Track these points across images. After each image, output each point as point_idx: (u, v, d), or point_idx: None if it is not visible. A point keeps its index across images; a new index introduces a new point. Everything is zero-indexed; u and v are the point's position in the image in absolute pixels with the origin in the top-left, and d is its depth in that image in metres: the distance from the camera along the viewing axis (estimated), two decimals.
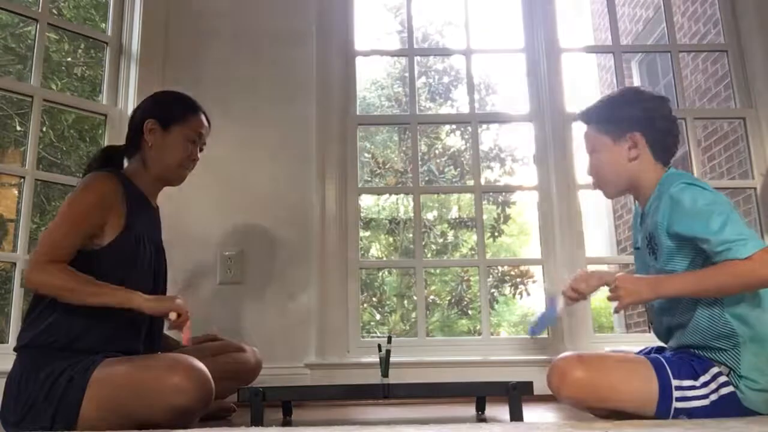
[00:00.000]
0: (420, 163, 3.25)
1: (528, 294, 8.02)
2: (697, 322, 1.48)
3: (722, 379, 1.42)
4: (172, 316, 1.59)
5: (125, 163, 1.86)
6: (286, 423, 1.74)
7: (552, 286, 2.61)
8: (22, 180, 2.46)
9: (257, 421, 1.54)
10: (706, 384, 1.42)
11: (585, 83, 7.43)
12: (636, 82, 5.86)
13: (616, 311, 1.54)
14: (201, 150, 1.87)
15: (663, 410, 1.40)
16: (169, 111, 1.81)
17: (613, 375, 1.45)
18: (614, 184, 1.68)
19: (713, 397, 1.41)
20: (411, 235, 8.06)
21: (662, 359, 1.47)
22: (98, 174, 1.70)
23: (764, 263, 1.36)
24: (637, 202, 1.73)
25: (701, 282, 1.43)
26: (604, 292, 1.67)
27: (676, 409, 1.40)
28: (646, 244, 1.62)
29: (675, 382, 1.41)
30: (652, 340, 1.80)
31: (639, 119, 1.61)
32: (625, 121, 1.62)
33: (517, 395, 1.59)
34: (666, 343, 1.64)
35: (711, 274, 1.42)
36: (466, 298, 8.22)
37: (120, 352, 1.61)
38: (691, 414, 1.40)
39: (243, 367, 1.98)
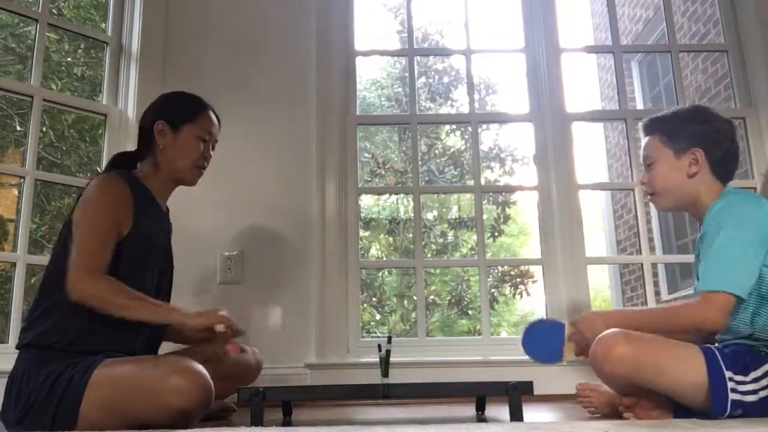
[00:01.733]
0: (420, 163, 3.25)
1: (528, 294, 8.02)
2: (755, 328, 1.48)
3: None
4: (220, 328, 1.58)
5: (138, 167, 1.86)
6: (286, 423, 1.74)
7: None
8: (22, 180, 2.46)
9: (257, 421, 1.54)
10: (756, 380, 1.40)
11: (585, 83, 7.43)
12: (636, 82, 5.86)
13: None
14: (213, 148, 1.87)
15: (719, 402, 1.37)
16: (178, 111, 1.81)
17: (659, 355, 1.43)
18: (669, 198, 1.70)
19: (762, 393, 1.38)
20: (411, 235, 8.06)
21: (714, 349, 1.45)
22: (105, 176, 1.71)
23: (718, 312, 1.44)
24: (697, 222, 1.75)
25: (649, 323, 1.53)
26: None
27: (732, 401, 1.37)
28: (697, 254, 1.65)
29: (727, 374, 1.39)
30: None
31: (705, 138, 1.64)
32: (692, 138, 1.64)
33: (517, 395, 1.59)
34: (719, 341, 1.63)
35: (663, 315, 1.55)
36: (466, 298, 8.23)
37: (120, 353, 1.61)
38: (745, 407, 1.37)
39: (243, 368, 1.97)
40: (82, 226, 1.61)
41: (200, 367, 1.50)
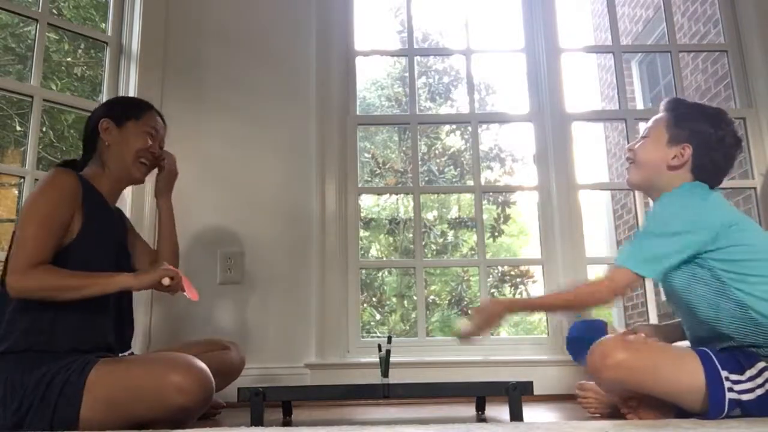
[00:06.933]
0: (420, 163, 3.25)
1: (528, 294, 8.01)
2: (729, 329, 1.48)
3: None
4: (165, 281, 1.57)
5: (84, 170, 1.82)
6: (286, 423, 1.74)
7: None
8: (22, 180, 2.46)
9: (257, 421, 1.54)
10: (752, 378, 1.40)
11: (585, 83, 7.43)
12: (636, 82, 5.86)
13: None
14: (161, 148, 1.88)
15: (716, 402, 1.37)
16: (122, 109, 1.83)
17: (656, 361, 1.43)
18: (643, 173, 1.70)
19: (759, 391, 1.38)
20: (411, 235, 8.06)
21: (709, 352, 1.45)
22: (57, 169, 1.68)
23: (611, 288, 1.54)
24: None
25: (551, 302, 1.66)
26: None
27: (730, 400, 1.37)
28: None
29: (723, 373, 1.39)
30: None
31: (703, 139, 1.61)
32: (691, 133, 1.62)
33: (517, 395, 1.59)
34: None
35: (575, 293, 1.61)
36: (466, 298, 8.23)
37: (93, 345, 1.60)
38: (743, 405, 1.37)
39: (228, 366, 1.96)
40: (26, 220, 1.58)
41: (201, 364, 1.50)
